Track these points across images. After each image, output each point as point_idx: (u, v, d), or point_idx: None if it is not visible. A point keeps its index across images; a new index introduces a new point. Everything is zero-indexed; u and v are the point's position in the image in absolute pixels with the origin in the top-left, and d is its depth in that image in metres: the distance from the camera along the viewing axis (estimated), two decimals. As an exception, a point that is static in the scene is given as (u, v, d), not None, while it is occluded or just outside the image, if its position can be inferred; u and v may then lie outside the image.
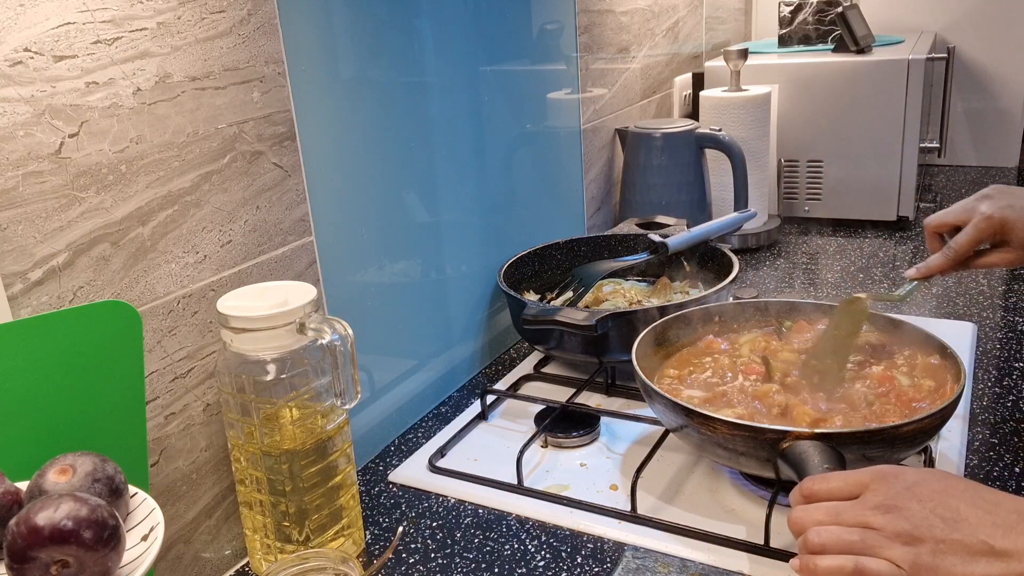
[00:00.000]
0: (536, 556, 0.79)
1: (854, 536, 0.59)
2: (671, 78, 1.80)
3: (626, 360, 0.92)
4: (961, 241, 0.89)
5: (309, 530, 0.76)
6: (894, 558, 0.57)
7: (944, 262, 0.90)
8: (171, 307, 0.73)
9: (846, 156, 1.65)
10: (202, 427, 0.77)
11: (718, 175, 1.54)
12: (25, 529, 0.48)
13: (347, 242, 0.93)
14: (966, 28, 2.02)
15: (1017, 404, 0.99)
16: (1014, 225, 0.86)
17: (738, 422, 0.75)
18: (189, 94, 0.72)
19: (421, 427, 1.05)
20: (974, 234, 0.88)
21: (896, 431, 0.74)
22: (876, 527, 0.58)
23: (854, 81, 1.61)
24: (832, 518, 0.61)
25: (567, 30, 1.34)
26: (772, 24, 2.05)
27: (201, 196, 0.74)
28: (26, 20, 0.60)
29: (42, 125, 0.61)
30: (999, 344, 1.14)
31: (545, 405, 1.02)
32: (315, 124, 0.86)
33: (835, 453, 0.71)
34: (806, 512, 0.62)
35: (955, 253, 0.89)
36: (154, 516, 0.57)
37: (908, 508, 0.58)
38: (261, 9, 0.78)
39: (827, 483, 0.63)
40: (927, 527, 0.57)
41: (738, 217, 1.29)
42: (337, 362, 0.70)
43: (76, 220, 0.64)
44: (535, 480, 0.90)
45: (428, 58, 1.03)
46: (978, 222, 0.88)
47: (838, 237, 1.64)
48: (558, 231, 1.36)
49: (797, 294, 1.36)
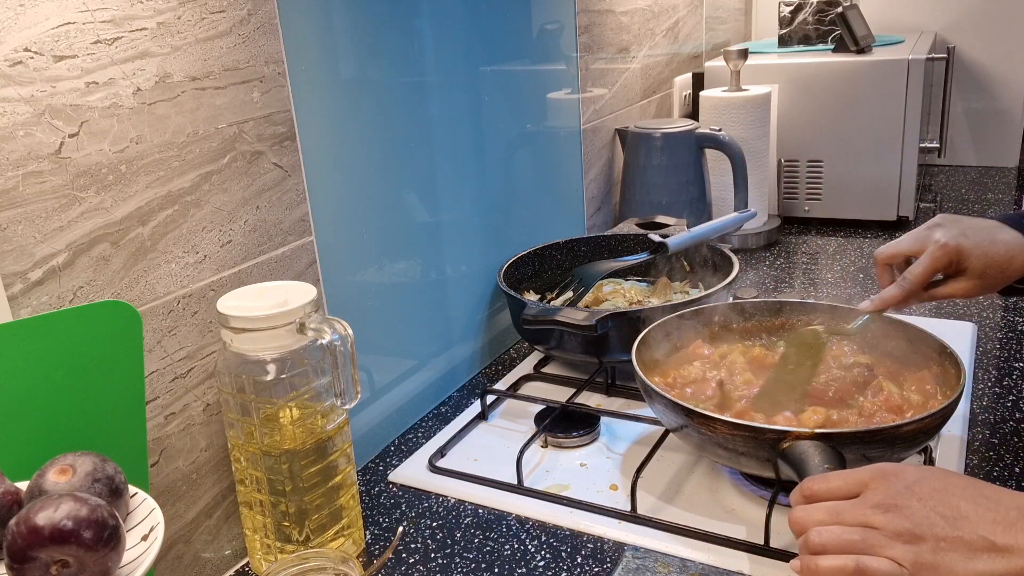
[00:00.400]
0: (536, 556, 0.79)
1: (855, 535, 0.58)
2: (671, 78, 1.80)
3: (626, 360, 0.92)
4: (916, 272, 0.85)
5: (309, 530, 0.76)
6: (896, 557, 0.57)
7: (899, 294, 0.87)
8: (171, 307, 0.73)
9: (846, 156, 1.65)
10: (202, 427, 0.77)
11: (718, 175, 1.54)
12: (25, 529, 0.48)
13: (347, 242, 0.93)
14: (966, 28, 2.02)
15: (1017, 404, 0.99)
16: (970, 253, 0.84)
17: (739, 422, 0.75)
18: (189, 94, 0.72)
19: (421, 427, 1.05)
20: (929, 263, 0.85)
21: (896, 431, 0.74)
22: (877, 526, 0.58)
23: (854, 81, 1.61)
24: (833, 518, 0.60)
25: (567, 30, 1.34)
26: (772, 24, 2.06)
27: (201, 196, 0.74)
28: (26, 20, 0.60)
29: (42, 125, 0.61)
30: (999, 344, 1.14)
31: (545, 405, 1.01)
32: (315, 124, 0.86)
33: (835, 453, 0.71)
34: (807, 512, 0.62)
35: (910, 284, 0.86)
36: (154, 516, 0.57)
37: (909, 507, 0.58)
38: (261, 9, 0.78)
39: (827, 483, 0.63)
40: (928, 525, 0.57)
41: (738, 217, 1.29)
42: (337, 362, 0.70)
43: (76, 220, 0.64)
44: (535, 480, 0.90)
45: (428, 58, 1.03)
46: (933, 251, 0.85)
47: (838, 237, 1.64)
48: (558, 231, 1.36)
49: (797, 294, 1.36)
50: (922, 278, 0.86)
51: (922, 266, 0.85)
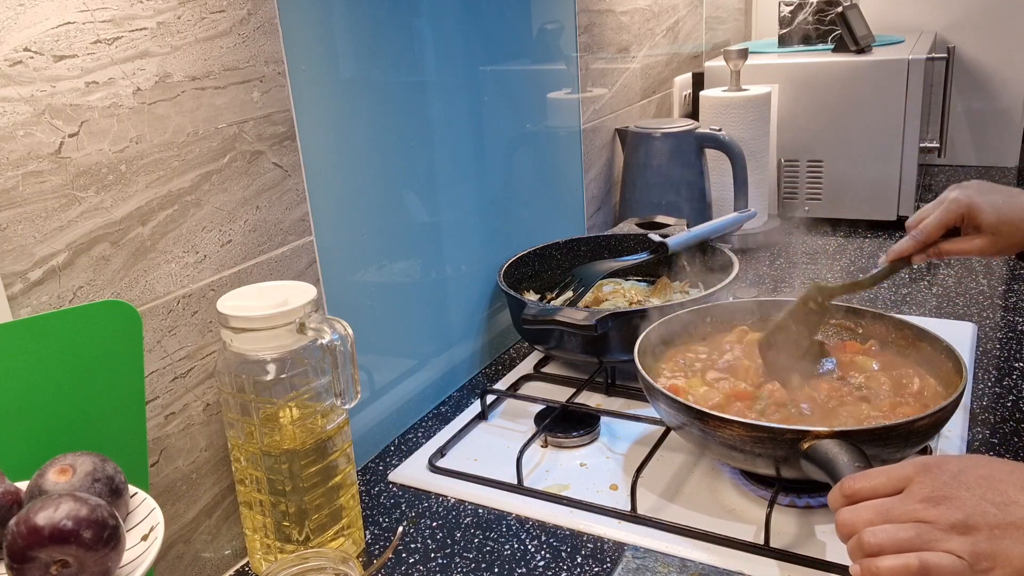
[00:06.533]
0: (536, 556, 0.79)
1: (910, 532, 0.57)
2: (671, 78, 1.80)
3: (626, 360, 0.92)
4: (928, 222, 0.89)
5: (309, 530, 0.76)
6: (953, 549, 0.55)
7: (912, 244, 0.90)
8: (171, 307, 0.73)
9: (846, 156, 1.65)
10: (202, 427, 0.77)
11: (718, 175, 1.54)
12: (25, 529, 0.48)
13: (347, 242, 0.93)
14: (966, 28, 2.02)
15: (1017, 404, 0.99)
16: (981, 208, 0.86)
17: (756, 423, 0.75)
18: (189, 94, 0.72)
19: (421, 427, 1.05)
20: (941, 215, 0.88)
21: (911, 426, 0.73)
22: (929, 520, 0.57)
23: (854, 81, 1.61)
24: (882, 516, 0.58)
25: (567, 30, 1.34)
26: (772, 24, 2.05)
27: (201, 196, 0.74)
28: (26, 20, 0.60)
29: (42, 125, 0.61)
30: (999, 344, 1.14)
31: (545, 405, 1.01)
32: (315, 124, 0.86)
33: (859, 451, 0.70)
34: (854, 513, 0.60)
35: (923, 235, 0.89)
36: (154, 516, 0.57)
37: (958, 497, 0.57)
38: (261, 9, 0.78)
39: (869, 480, 0.61)
40: (980, 514, 0.56)
41: (738, 217, 1.29)
42: (337, 362, 0.70)
43: (76, 220, 0.64)
44: (535, 480, 0.90)
45: (428, 58, 1.03)
46: (946, 204, 0.89)
47: (838, 237, 1.64)
48: (558, 231, 1.36)
49: (797, 294, 1.36)
50: (933, 227, 0.88)
51: (934, 217, 0.89)
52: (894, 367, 0.91)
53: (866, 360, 0.92)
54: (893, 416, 0.81)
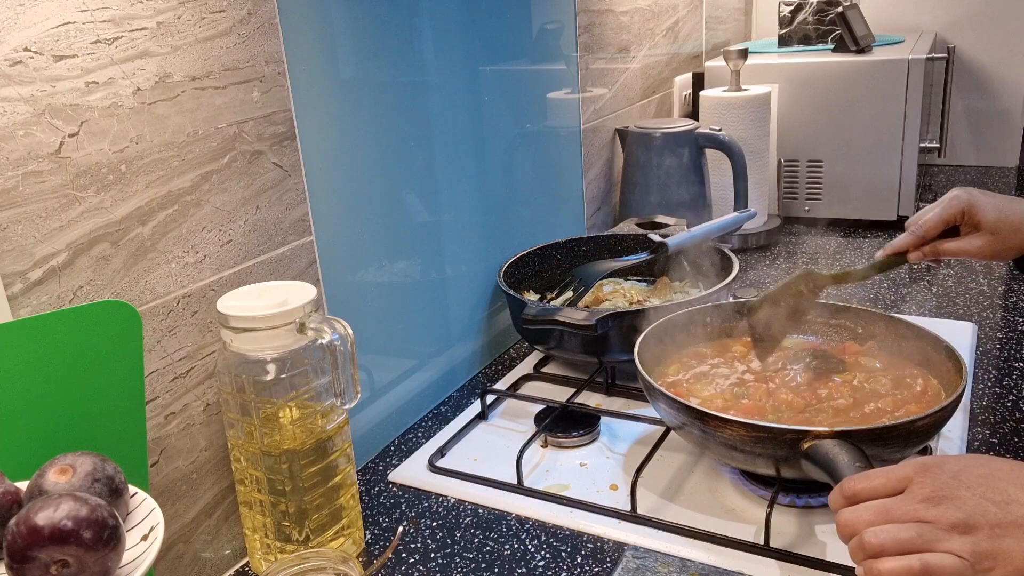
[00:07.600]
0: (536, 556, 0.79)
1: (911, 532, 0.57)
2: (671, 78, 1.80)
3: (626, 360, 0.92)
4: (927, 218, 0.90)
5: (309, 530, 0.76)
6: (954, 549, 0.55)
7: (911, 240, 0.91)
8: (171, 307, 0.73)
9: (846, 156, 1.65)
10: (202, 427, 0.77)
11: (718, 175, 1.54)
12: (25, 529, 0.48)
13: (347, 242, 0.93)
14: (966, 28, 2.02)
15: (1017, 404, 0.99)
16: (982, 205, 0.87)
17: (757, 423, 0.75)
18: (189, 94, 0.72)
19: (421, 427, 1.05)
20: (940, 212, 0.89)
21: (911, 426, 0.73)
22: (930, 520, 0.57)
23: (854, 81, 1.61)
24: (883, 517, 0.58)
25: (567, 30, 1.34)
26: (772, 24, 2.05)
27: (201, 196, 0.74)
28: (26, 20, 0.60)
29: (42, 125, 0.61)
30: (999, 344, 1.14)
31: (545, 405, 1.01)
32: (315, 124, 0.86)
33: (860, 451, 0.70)
34: (855, 513, 0.60)
35: (922, 229, 0.90)
36: (154, 516, 0.57)
37: (959, 496, 0.57)
38: (261, 9, 0.78)
39: (869, 481, 0.61)
40: (980, 513, 0.56)
41: (738, 217, 1.29)
42: (337, 362, 0.70)
43: (76, 220, 0.64)
44: (535, 480, 0.90)
45: (428, 58, 1.03)
46: (947, 199, 0.89)
47: (838, 237, 1.64)
48: (558, 231, 1.36)
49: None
50: (932, 223, 0.89)
51: (934, 213, 0.89)
52: (894, 367, 0.91)
53: (867, 360, 0.92)
54: (893, 416, 0.81)
